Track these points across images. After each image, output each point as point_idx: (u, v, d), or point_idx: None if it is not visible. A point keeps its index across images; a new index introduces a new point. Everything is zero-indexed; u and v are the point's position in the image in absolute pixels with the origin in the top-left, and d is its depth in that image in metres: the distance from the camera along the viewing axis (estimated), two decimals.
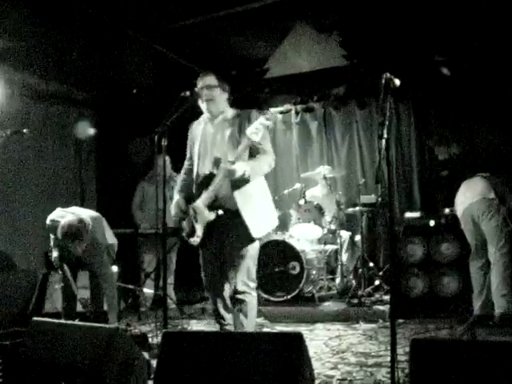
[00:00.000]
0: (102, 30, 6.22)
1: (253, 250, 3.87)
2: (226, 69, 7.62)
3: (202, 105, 3.97)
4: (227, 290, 3.95)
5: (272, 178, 7.16)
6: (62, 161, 7.19)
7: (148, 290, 6.28)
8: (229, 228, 3.83)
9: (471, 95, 6.57)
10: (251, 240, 3.82)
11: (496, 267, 4.62)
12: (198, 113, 4.09)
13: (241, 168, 3.63)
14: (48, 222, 4.96)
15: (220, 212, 3.77)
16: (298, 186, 6.74)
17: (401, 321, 5.19)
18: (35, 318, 3.50)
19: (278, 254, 6.01)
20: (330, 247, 6.55)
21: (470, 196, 4.84)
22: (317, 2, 6.19)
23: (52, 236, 5.04)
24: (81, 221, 4.75)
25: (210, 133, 3.98)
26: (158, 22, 6.31)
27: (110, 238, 5.28)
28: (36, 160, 6.75)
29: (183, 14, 6.14)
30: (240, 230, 3.77)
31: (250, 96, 7.88)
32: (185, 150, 4.25)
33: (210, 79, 3.96)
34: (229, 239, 3.85)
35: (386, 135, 3.03)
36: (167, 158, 6.53)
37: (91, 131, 7.60)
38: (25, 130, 4.67)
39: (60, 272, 5.11)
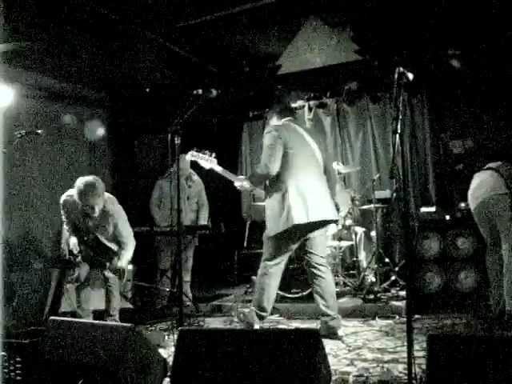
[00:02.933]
0: (114, 29, 6.23)
1: (266, 244, 4.70)
2: (239, 66, 7.63)
3: None
4: None
5: None
6: (75, 160, 7.21)
7: (164, 288, 6.31)
8: None
9: (486, 88, 6.50)
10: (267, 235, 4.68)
11: (507, 266, 4.55)
12: (211, 110, 4.13)
13: (242, 185, 4.70)
14: (64, 197, 5.09)
15: None
16: None
17: (417, 316, 5.16)
18: (52, 317, 3.53)
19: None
20: (345, 243, 6.53)
21: (483, 192, 4.73)
22: None
23: (65, 219, 5.11)
24: (97, 178, 4.97)
25: None
26: (170, 21, 6.31)
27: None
28: (50, 160, 6.78)
29: (195, 12, 6.14)
30: None
31: (262, 93, 7.90)
32: (199, 147, 4.46)
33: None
34: None
35: (399, 130, 3.02)
36: (186, 157, 6.56)
37: (102, 132, 7.62)
38: (39, 131, 4.71)
39: (78, 262, 5.10)
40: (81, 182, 4.86)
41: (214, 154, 4.71)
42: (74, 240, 5.07)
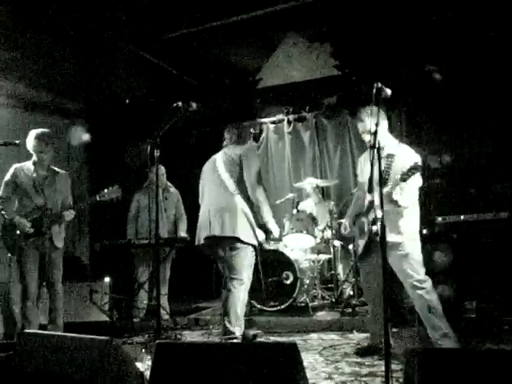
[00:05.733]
0: (94, 40, 6.22)
1: None
2: (219, 79, 7.65)
3: None
4: None
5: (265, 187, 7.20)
6: None
7: (141, 301, 6.25)
8: None
9: (462, 104, 6.60)
10: None
11: None
12: (191, 123, 4.13)
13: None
14: (16, 165, 5.16)
15: None
16: (290, 195, 6.75)
17: (395, 330, 5.18)
18: (26, 330, 3.48)
19: (271, 264, 6.00)
20: (323, 257, 6.54)
21: None
22: (308, 12, 6.23)
23: (9, 187, 5.08)
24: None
25: None
26: (151, 33, 6.32)
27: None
28: None
29: (175, 24, 6.16)
30: None
31: (242, 106, 7.91)
32: (179, 159, 4.41)
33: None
34: None
35: (377, 144, 3.05)
36: (162, 168, 6.54)
37: (85, 137, 7.57)
38: (17, 141, 4.66)
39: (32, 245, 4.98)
40: (36, 130, 5.08)
41: None
42: (26, 222, 4.97)
